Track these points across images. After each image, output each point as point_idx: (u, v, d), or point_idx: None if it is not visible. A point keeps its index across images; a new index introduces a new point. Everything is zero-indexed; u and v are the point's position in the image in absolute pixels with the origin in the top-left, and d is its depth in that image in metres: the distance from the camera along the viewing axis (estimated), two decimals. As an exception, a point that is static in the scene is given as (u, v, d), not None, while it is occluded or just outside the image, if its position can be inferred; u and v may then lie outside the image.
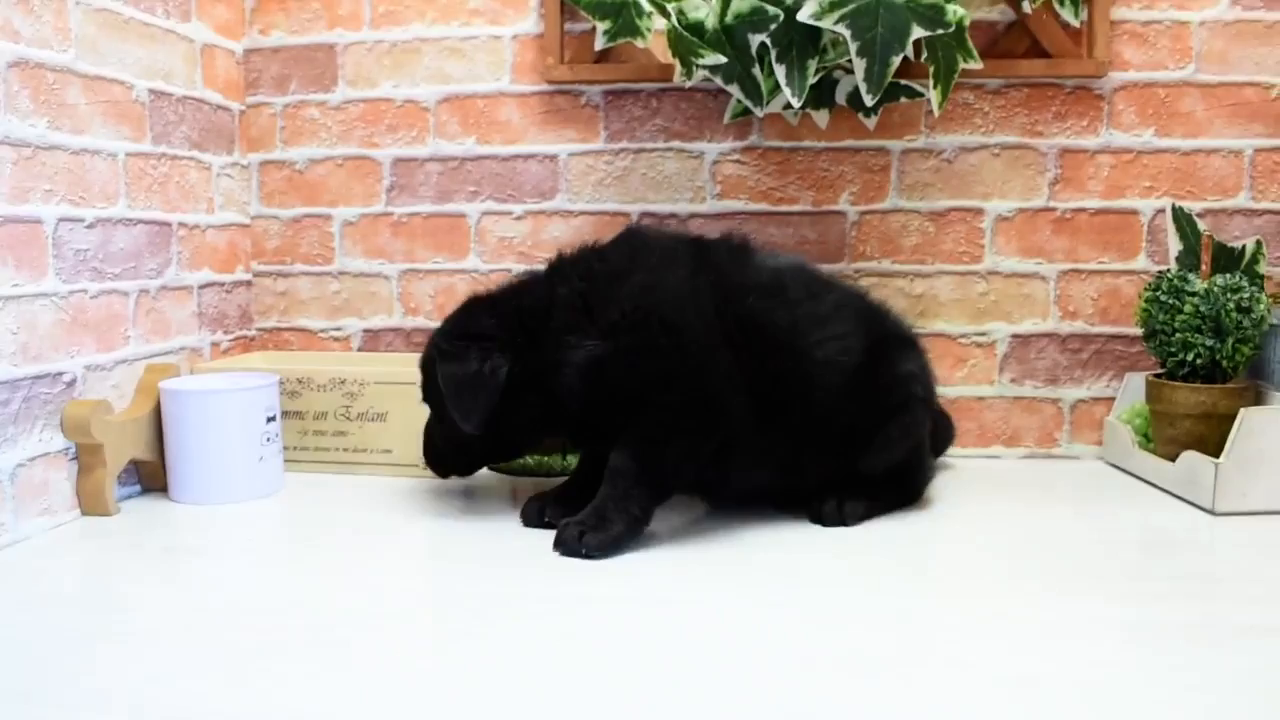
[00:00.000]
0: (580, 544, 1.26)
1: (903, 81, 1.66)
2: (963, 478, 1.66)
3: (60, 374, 1.43)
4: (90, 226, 1.49)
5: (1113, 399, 1.77)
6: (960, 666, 0.94)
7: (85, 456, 1.45)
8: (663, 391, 1.30)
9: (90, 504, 1.45)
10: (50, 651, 0.99)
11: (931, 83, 1.62)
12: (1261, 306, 1.51)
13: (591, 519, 1.28)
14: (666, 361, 1.30)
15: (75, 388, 1.46)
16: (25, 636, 1.03)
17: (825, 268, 1.76)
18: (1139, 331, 1.63)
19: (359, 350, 1.93)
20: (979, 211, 1.77)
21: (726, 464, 1.35)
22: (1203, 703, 0.87)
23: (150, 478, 1.58)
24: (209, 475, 1.51)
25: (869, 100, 1.61)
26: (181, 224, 1.71)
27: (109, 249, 1.53)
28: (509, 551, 1.30)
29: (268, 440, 1.55)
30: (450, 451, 1.46)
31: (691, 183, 1.80)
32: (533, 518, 1.40)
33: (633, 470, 1.29)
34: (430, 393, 1.44)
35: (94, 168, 1.50)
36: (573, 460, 1.61)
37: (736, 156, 1.79)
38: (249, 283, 1.94)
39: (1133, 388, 1.72)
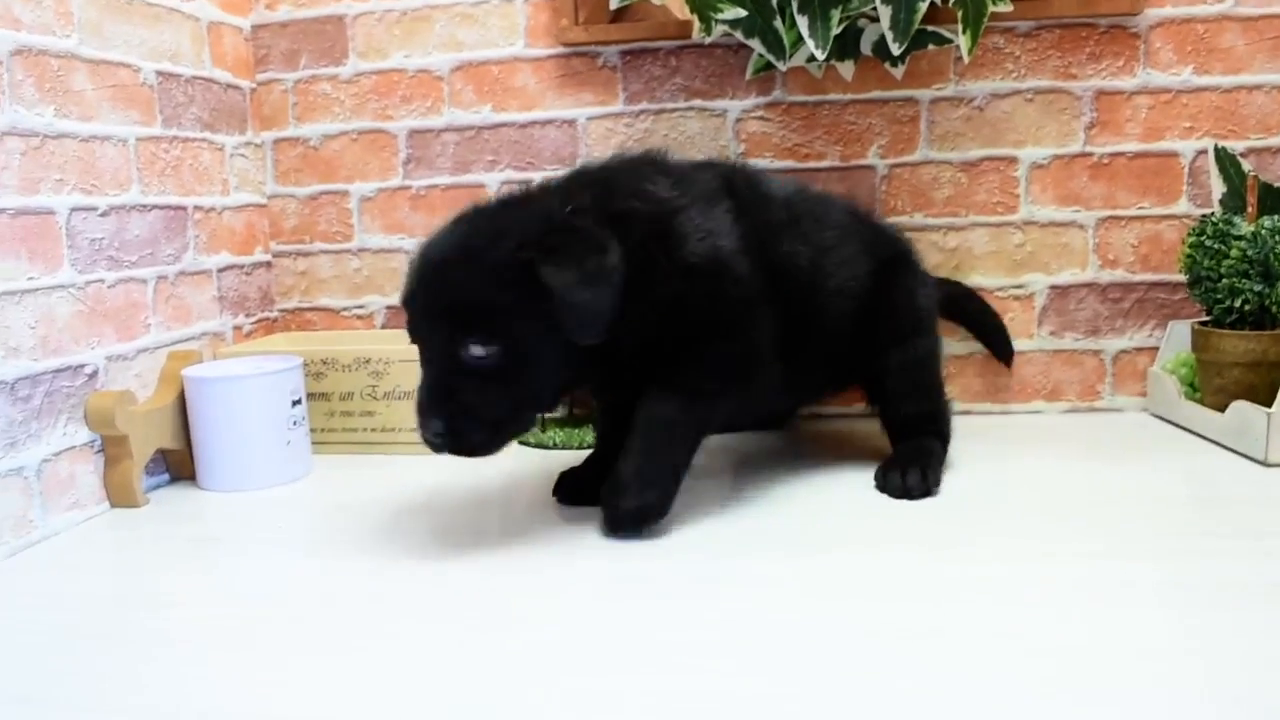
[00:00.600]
0: (637, 521, 1.20)
1: (930, 28, 1.60)
2: (1004, 434, 1.62)
3: (81, 366, 1.41)
4: (104, 215, 1.47)
5: (1156, 349, 1.71)
6: (1008, 634, 0.91)
7: (111, 448, 1.43)
8: (725, 341, 1.23)
9: (118, 496, 1.44)
10: (81, 647, 0.98)
11: (960, 28, 1.56)
12: (1312, 248, 1.46)
13: (637, 485, 1.19)
14: (732, 312, 1.24)
15: (97, 379, 1.44)
16: (57, 632, 1.02)
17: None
18: (1183, 278, 1.57)
19: (383, 328, 1.90)
20: (1013, 160, 1.71)
21: (748, 402, 1.33)
22: (1258, 660, 0.84)
23: (178, 467, 1.56)
24: (237, 462, 1.49)
25: (895, 49, 1.55)
26: (197, 207, 1.68)
27: (124, 237, 1.51)
28: (551, 531, 1.26)
29: (294, 424, 1.53)
30: (523, 401, 1.18)
31: (715, 142, 1.75)
32: (569, 493, 1.36)
33: (678, 421, 1.22)
34: (499, 321, 1.12)
35: (104, 154, 1.47)
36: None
37: (760, 113, 1.74)
38: (269, 264, 1.91)
39: (1177, 337, 1.67)
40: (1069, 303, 1.73)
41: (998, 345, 1.73)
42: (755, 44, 1.60)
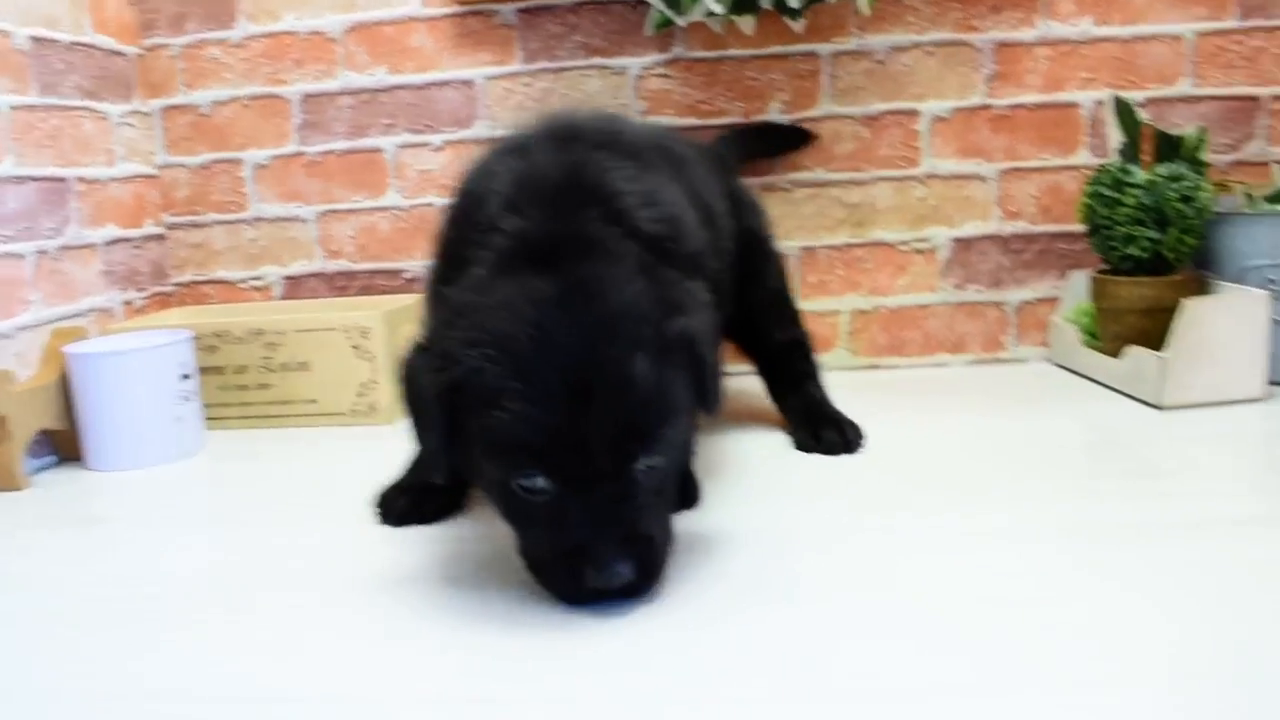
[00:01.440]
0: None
1: (826, -20, 1.58)
2: (908, 387, 1.63)
3: (-44, 345, 1.36)
4: (-25, 187, 1.41)
5: (1058, 299, 1.72)
6: (911, 575, 0.91)
7: (-9, 429, 1.38)
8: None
9: None
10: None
11: (857, -20, 1.55)
12: (1204, 195, 1.47)
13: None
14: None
15: (-26, 358, 1.38)
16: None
17: (759, 181, 1.71)
18: (1082, 229, 1.58)
19: (281, 299, 1.85)
20: (914, 113, 1.70)
21: None
22: (1152, 596, 0.84)
23: (65, 447, 1.50)
24: (124, 440, 1.44)
25: (795, 2, 1.54)
26: (80, 179, 1.62)
27: (1, 210, 1.45)
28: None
29: (184, 399, 1.48)
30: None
31: (616, 100, 1.72)
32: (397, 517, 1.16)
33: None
34: (674, 425, 0.90)
35: (-27, 124, 1.41)
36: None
37: (661, 70, 1.72)
38: (161, 236, 1.85)
39: (1077, 286, 1.68)
40: (972, 255, 1.73)
41: None
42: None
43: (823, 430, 1.34)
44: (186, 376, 1.49)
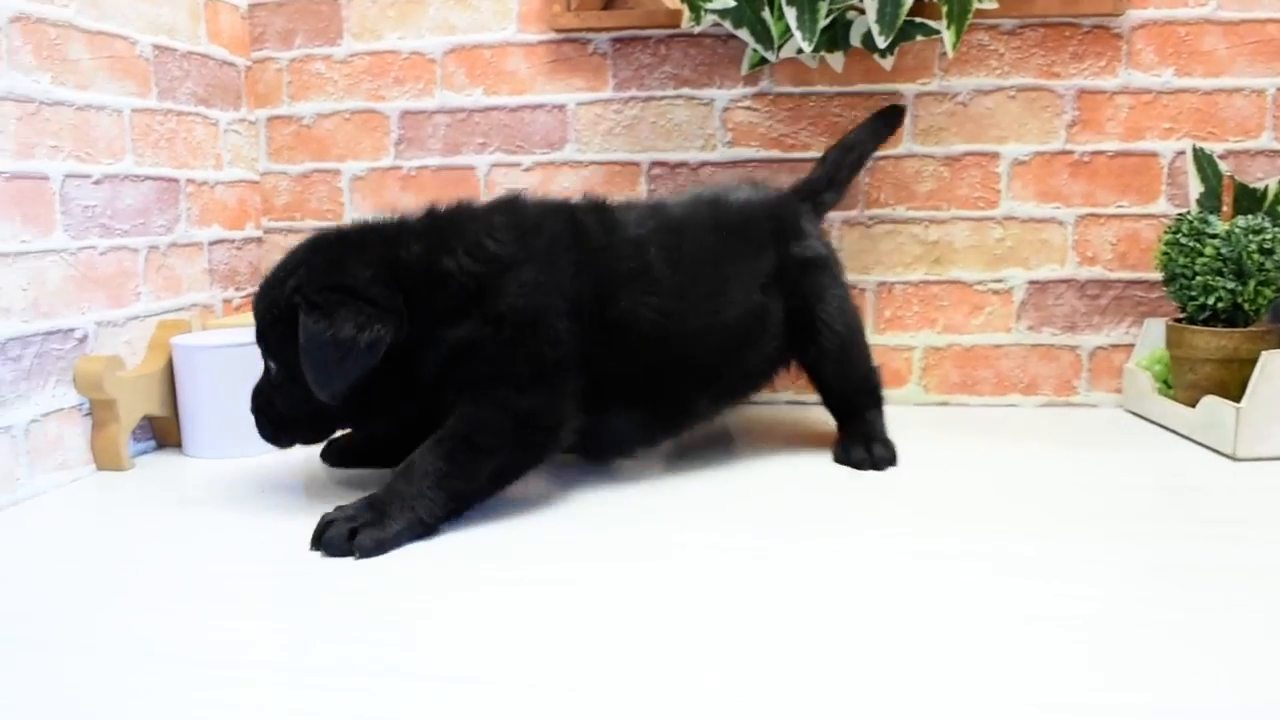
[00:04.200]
0: (351, 544, 1.09)
1: (917, 19, 1.62)
2: (979, 426, 1.65)
3: (71, 330, 1.43)
4: (97, 183, 1.49)
5: (1132, 346, 1.74)
6: (981, 610, 0.93)
7: (99, 412, 1.45)
8: (515, 395, 1.21)
9: (104, 459, 1.46)
10: (70, 601, 1.00)
11: (945, 23, 1.59)
12: (1284, 247, 1.49)
13: (368, 514, 1.12)
14: (533, 366, 1.22)
15: (87, 344, 1.45)
16: (46, 587, 1.04)
17: (839, 215, 1.75)
18: (1159, 276, 1.60)
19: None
20: (995, 155, 1.74)
21: (601, 433, 1.32)
22: (1221, 642, 0.86)
23: (164, 434, 1.58)
24: (221, 430, 1.51)
25: (881, 42, 1.58)
26: (190, 180, 1.70)
27: (117, 205, 1.53)
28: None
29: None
30: (300, 418, 1.30)
31: (702, 130, 1.78)
32: (336, 456, 1.45)
33: (440, 471, 1.15)
34: (275, 343, 1.27)
35: (99, 124, 1.49)
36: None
37: (748, 103, 1.77)
38: (260, 239, 1.93)
39: (1152, 334, 1.70)
40: (1047, 298, 1.76)
41: None
42: (744, 34, 1.62)
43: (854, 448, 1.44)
44: (282, 373, 1.55)
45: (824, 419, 1.54)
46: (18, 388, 1.34)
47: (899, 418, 1.66)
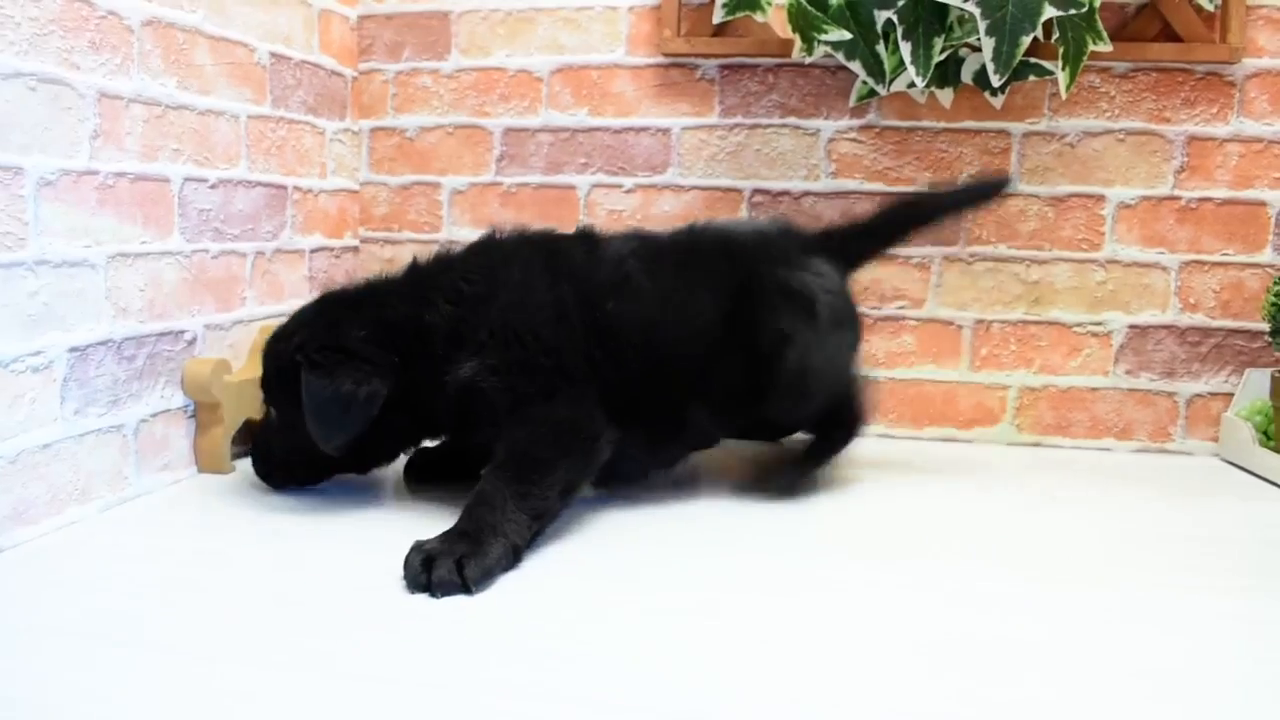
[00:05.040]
0: (463, 577, 1.05)
1: (1031, 60, 1.61)
2: (1073, 469, 1.63)
3: (182, 332, 1.45)
4: (213, 187, 1.51)
5: (1230, 394, 1.71)
6: (1071, 659, 0.92)
7: (204, 415, 1.46)
8: (545, 405, 1.26)
9: (207, 462, 1.47)
10: (177, 600, 1.01)
11: (1060, 64, 1.58)
12: (1402, 304, 1.46)
13: (464, 545, 1.09)
14: (542, 377, 1.28)
15: (195, 346, 1.47)
16: (153, 586, 1.05)
17: (939, 250, 1.74)
18: (1262, 326, 1.58)
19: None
20: (1100, 198, 1.72)
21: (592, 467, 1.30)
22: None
23: (263, 438, 1.59)
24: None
25: (996, 81, 1.57)
26: (296, 188, 1.72)
27: (230, 210, 1.54)
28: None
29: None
30: (295, 462, 1.38)
31: (806, 160, 1.78)
32: (418, 474, 1.48)
33: (517, 493, 1.16)
34: (278, 393, 1.37)
35: (218, 129, 1.51)
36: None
37: (853, 135, 1.76)
38: (356, 248, 1.94)
39: (1253, 384, 1.67)
40: (1147, 343, 1.73)
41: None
42: (855, 67, 1.63)
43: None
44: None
45: (900, 451, 1.53)
46: (130, 387, 1.35)
47: (988, 457, 1.65)
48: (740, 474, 1.51)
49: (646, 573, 1.12)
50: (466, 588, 1.04)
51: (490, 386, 1.27)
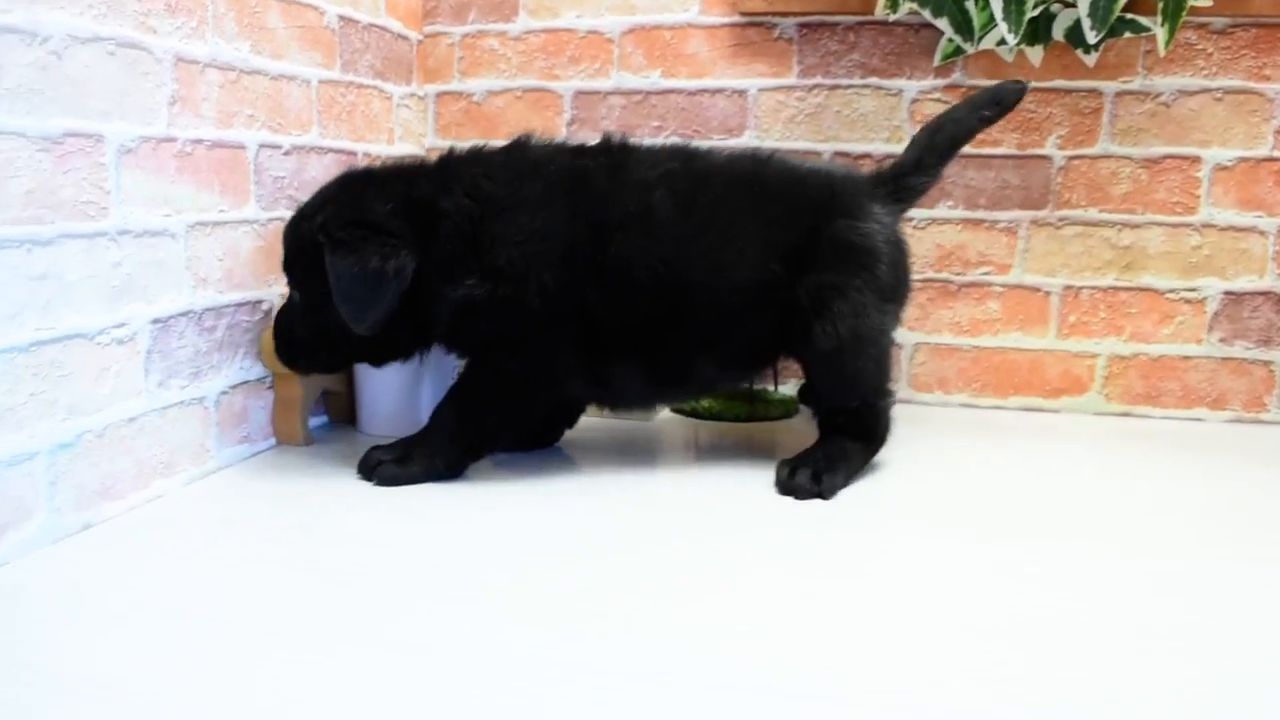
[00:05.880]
0: (374, 473, 1.30)
1: (1129, 15, 1.55)
2: (1163, 440, 1.58)
3: (259, 302, 1.42)
4: (287, 154, 1.47)
5: (1330, 364, 1.66)
6: (1147, 632, 0.89)
7: (282, 386, 1.44)
8: (508, 355, 1.29)
9: (284, 433, 1.45)
10: (263, 573, 0.99)
11: (1159, 20, 1.52)
12: None
13: (397, 452, 1.31)
14: (530, 324, 1.27)
15: (271, 317, 1.45)
16: (240, 559, 1.04)
17: (1027, 214, 1.69)
18: (1368, 293, 1.52)
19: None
20: (1196, 159, 1.66)
21: (610, 383, 1.34)
22: None
23: (337, 409, 1.57)
24: (396, 408, 1.50)
25: (1092, 37, 1.51)
26: (365, 154, 1.69)
27: (303, 177, 1.51)
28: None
29: (457, 373, 1.52)
30: (319, 345, 1.33)
31: (888, 122, 1.72)
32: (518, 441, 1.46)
33: (452, 427, 1.32)
34: (301, 275, 1.32)
35: (290, 94, 1.48)
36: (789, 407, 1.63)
37: (937, 95, 1.70)
38: (424, 216, 1.91)
39: (1355, 353, 1.61)
40: (1243, 310, 1.67)
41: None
42: (943, 24, 1.57)
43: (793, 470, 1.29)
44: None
45: (985, 421, 1.48)
46: (211, 358, 1.33)
47: (1074, 426, 1.61)
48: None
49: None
50: (371, 479, 1.30)
51: (484, 316, 1.27)
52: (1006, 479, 1.36)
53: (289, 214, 1.45)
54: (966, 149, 1.67)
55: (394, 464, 1.29)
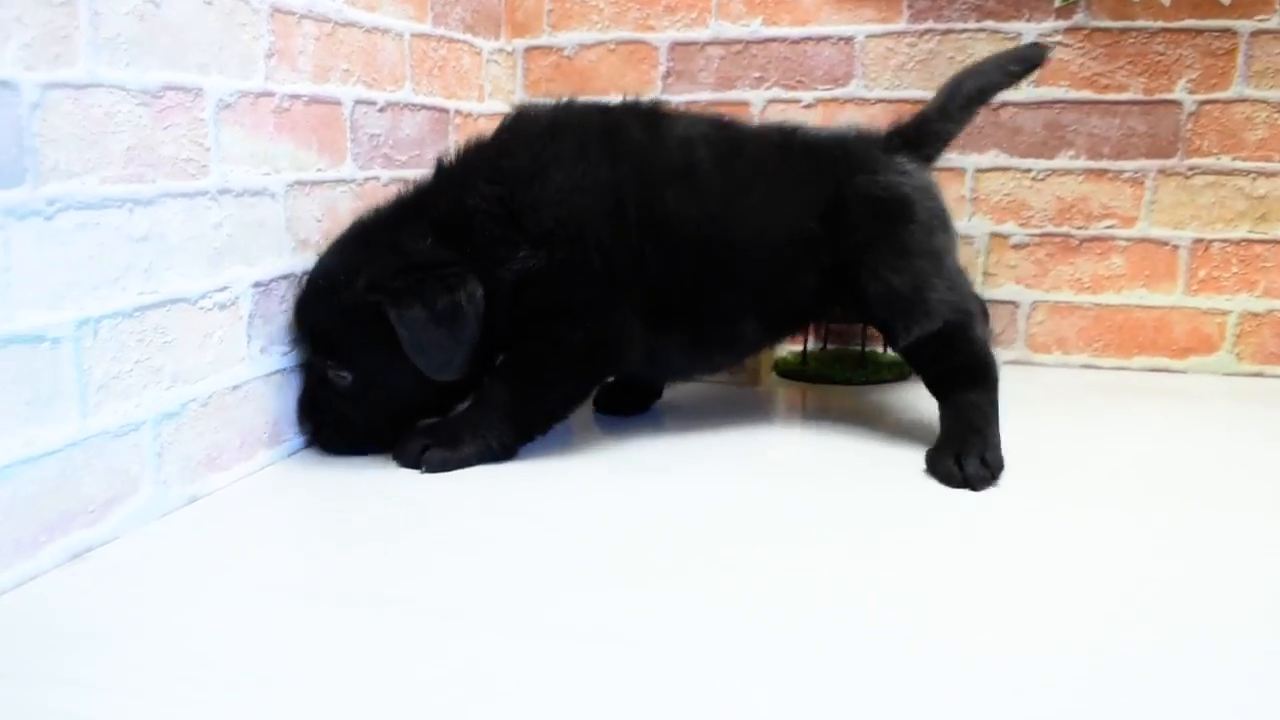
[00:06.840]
0: (420, 460, 1.18)
1: (1273, -52, 1.45)
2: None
3: (356, 265, 1.37)
4: (381, 110, 1.42)
5: None
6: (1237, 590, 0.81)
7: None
8: (570, 325, 1.20)
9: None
10: (362, 549, 0.95)
11: (1305, -50, 1.41)
12: None
13: (443, 435, 1.20)
14: (592, 288, 1.20)
15: (369, 279, 1.40)
16: (336, 534, 0.99)
17: (1154, 163, 1.59)
18: None
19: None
20: (1339, 101, 1.55)
21: (655, 350, 1.27)
22: None
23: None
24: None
25: (1231, -30, 1.41)
26: (458, 111, 1.63)
27: (397, 135, 1.46)
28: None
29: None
30: (381, 421, 1.23)
31: (1005, 68, 1.63)
32: (607, 405, 1.44)
33: (507, 406, 1.21)
34: (353, 351, 1.19)
35: (384, 48, 1.42)
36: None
37: (1059, 38, 1.61)
38: (513, 175, 1.85)
39: None
40: (1388, 263, 1.57)
41: None
42: (1068, -40, 1.47)
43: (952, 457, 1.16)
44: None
45: (1108, 382, 1.40)
46: (310, 322, 1.28)
47: (1204, 387, 1.53)
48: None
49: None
50: (419, 466, 1.18)
51: (542, 287, 1.19)
52: (1131, 444, 1.28)
53: (383, 173, 1.41)
54: (1089, 94, 1.59)
55: (442, 447, 1.19)
